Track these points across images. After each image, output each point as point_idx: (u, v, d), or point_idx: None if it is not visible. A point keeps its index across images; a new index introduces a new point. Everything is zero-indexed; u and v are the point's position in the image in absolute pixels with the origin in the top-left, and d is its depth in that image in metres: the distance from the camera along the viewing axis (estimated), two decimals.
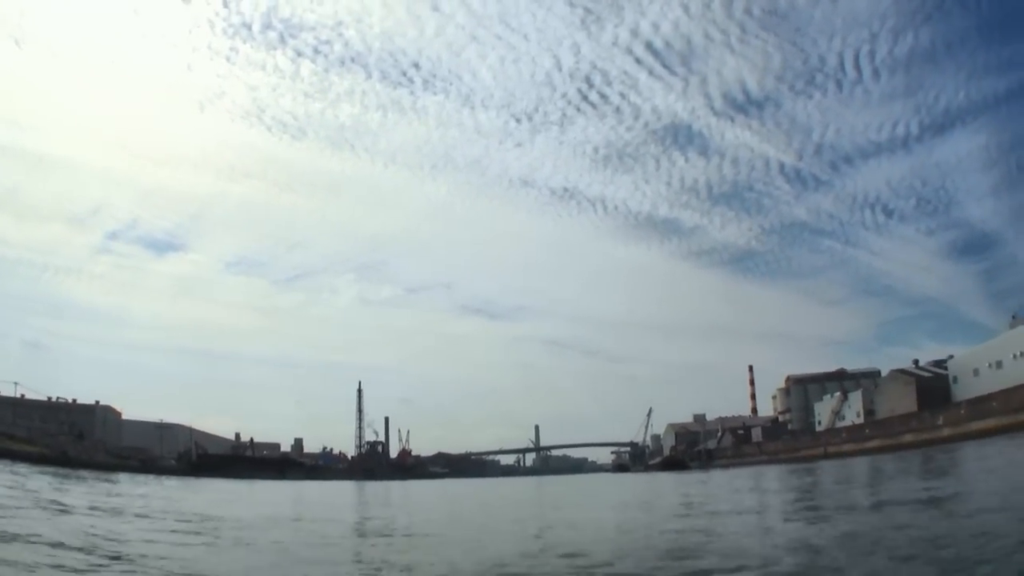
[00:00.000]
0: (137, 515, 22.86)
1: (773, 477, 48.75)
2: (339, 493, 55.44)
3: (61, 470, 59.22)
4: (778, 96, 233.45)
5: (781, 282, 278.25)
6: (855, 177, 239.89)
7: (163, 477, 76.80)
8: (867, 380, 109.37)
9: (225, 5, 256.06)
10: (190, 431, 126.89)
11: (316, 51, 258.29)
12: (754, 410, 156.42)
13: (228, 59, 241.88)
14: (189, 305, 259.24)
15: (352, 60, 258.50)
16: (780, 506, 24.53)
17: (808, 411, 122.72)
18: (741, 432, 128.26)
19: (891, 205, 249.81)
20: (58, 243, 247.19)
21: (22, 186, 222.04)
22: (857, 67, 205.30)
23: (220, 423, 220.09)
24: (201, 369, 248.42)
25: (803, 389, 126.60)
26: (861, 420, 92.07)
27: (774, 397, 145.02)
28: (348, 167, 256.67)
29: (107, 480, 49.68)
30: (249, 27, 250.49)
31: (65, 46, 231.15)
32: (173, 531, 18.06)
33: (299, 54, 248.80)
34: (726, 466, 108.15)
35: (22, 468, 53.02)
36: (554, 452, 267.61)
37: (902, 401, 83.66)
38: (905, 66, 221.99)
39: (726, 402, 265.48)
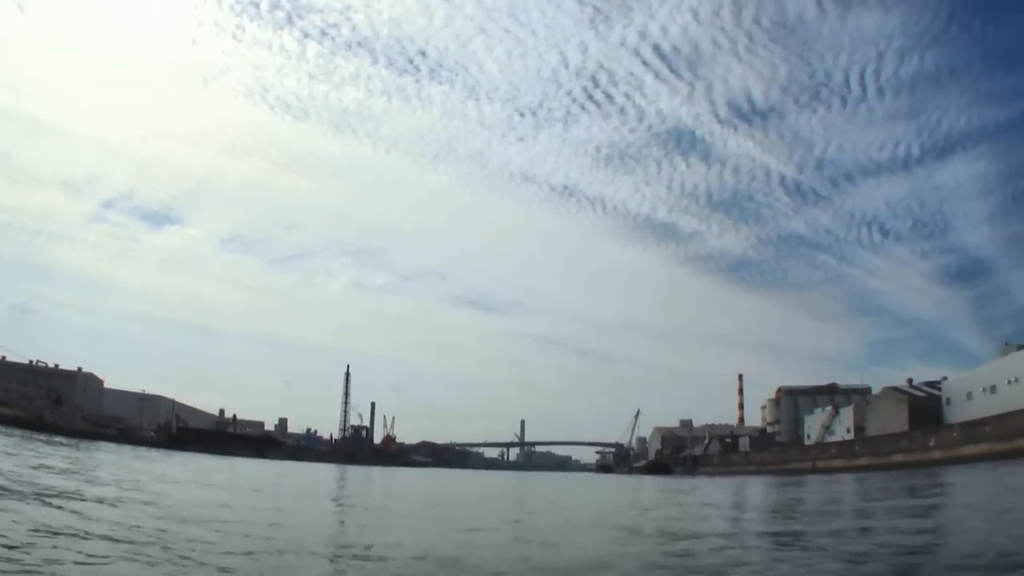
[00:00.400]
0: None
1: (759, 490, 47.62)
2: (317, 476, 54.15)
3: (35, 434, 58.14)
4: (782, 108, 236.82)
5: (775, 293, 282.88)
6: (854, 194, 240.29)
7: (140, 448, 75.63)
8: (858, 396, 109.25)
9: None
10: (172, 404, 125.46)
11: (323, 33, 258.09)
12: (741, 419, 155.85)
13: (234, 36, 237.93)
14: (181, 279, 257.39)
15: (359, 44, 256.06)
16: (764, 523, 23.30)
17: (798, 424, 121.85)
18: (729, 440, 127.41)
19: (888, 225, 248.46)
20: (52, 209, 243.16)
21: (18, 149, 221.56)
22: (862, 85, 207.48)
23: (206, 398, 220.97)
24: (190, 344, 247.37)
25: (793, 401, 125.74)
26: (851, 436, 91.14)
27: (763, 407, 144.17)
28: (350, 151, 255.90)
29: (74, 447, 48.24)
30: (257, 5, 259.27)
31: (68, 13, 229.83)
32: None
33: (306, 35, 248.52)
34: (711, 473, 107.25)
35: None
36: (539, 448, 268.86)
37: (894, 419, 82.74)
38: (909, 88, 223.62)
39: (713, 409, 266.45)
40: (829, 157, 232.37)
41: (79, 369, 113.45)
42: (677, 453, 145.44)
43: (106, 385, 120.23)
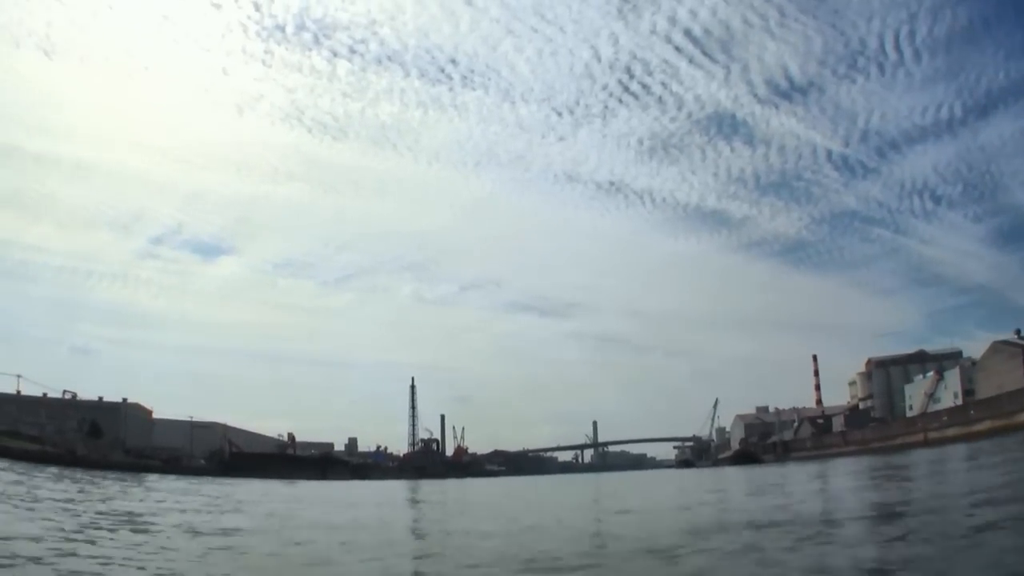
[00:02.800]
0: None
1: (889, 471, 40.13)
2: (367, 495, 48.29)
3: (65, 470, 53.45)
4: (821, 81, 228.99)
5: (833, 273, 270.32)
6: (902, 163, 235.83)
7: (188, 477, 71.19)
8: (949, 361, 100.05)
9: (257, 8, 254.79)
10: (224, 428, 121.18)
11: (352, 51, 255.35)
12: (819, 401, 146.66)
13: (263, 62, 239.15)
14: (238, 308, 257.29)
15: (389, 58, 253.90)
16: None
17: (891, 396, 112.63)
18: (820, 421, 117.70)
19: (939, 191, 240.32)
20: (101, 249, 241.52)
21: (61, 194, 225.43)
22: (898, 49, 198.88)
23: (275, 425, 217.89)
24: (254, 372, 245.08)
25: (885, 372, 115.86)
26: (960, 401, 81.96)
27: (851, 383, 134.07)
28: (391, 166, 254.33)
29: (91, 482, 42.88)
30: (283, 29, 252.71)
31: (94, 55, 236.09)
32: None
33: (335, 54, 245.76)
34: (805, 459, 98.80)
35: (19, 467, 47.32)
36: (613, 448, 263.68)
37: (1009, 376, 73.59)
38: (945, 46, 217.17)
39: (785, 395, 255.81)
40: (873, 127, 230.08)
41: (124, 400, 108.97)
42: (763, 440, 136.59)
43: (155, 415, 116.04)
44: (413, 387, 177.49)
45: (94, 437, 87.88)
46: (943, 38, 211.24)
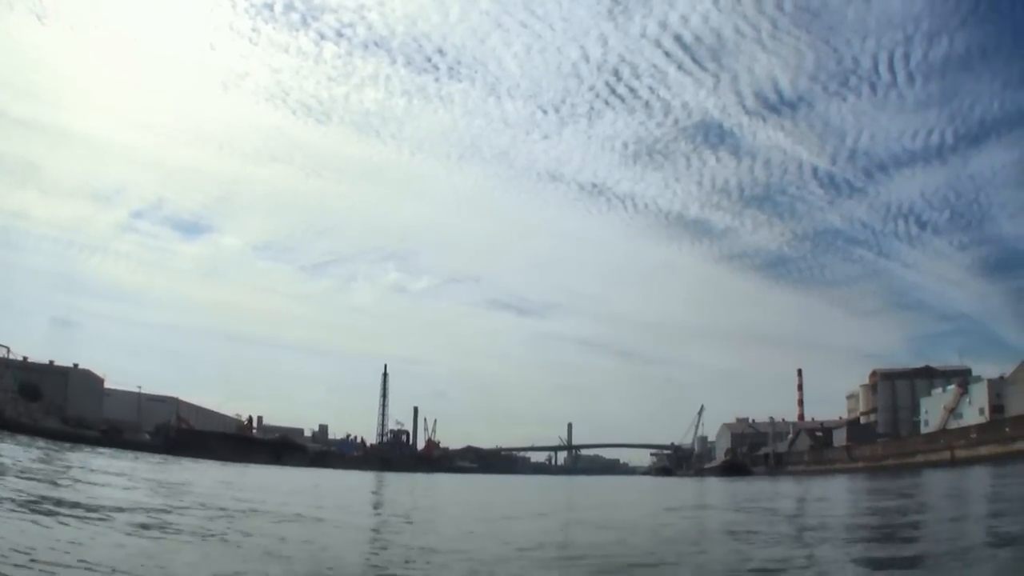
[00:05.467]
0: None
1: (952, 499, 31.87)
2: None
3: None
4: (811, 97, 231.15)
5: (814, 290, 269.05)
6: (889, 185, 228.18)
7: (124, 452, 62.72)
8: (957, 378, 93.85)
9: None
10: (176, 404, 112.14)
11: (339, 34, 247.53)
12: (801, 416, 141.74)
13: (250, 40, 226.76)
14: (215, 288, 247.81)
15: (375, 44, 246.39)
16: None
17: (896, 411, 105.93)
18: (819, 434, 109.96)
19: (924, 216, 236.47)
20: (83, 220, 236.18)
21: (47, 161, 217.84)
22: (891, 70, 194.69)
23: (248, 408, 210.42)
24: (228, 353, 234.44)
25: (891, 386, 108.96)
26: (986, 418, 74.58)
27: (850, 396, 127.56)
28: (375, 154, 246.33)
29: None
30: (271, 7, 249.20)
31: (86, 22, 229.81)
32: None
33: (322, 36, 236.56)
34: (803, 473, 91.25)
35: None
36: (587, 452, 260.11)
37: None
38: (940, 72, 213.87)
39: (761, 408, 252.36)
40: (862, 147, 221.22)
41: (75, 366, 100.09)
42: (753, 451, 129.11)
43: (107, 385, 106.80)
44: (385, 375, 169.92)
45: (28, 399, 78.73)
46: (938, 63, 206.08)
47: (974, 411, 78.69)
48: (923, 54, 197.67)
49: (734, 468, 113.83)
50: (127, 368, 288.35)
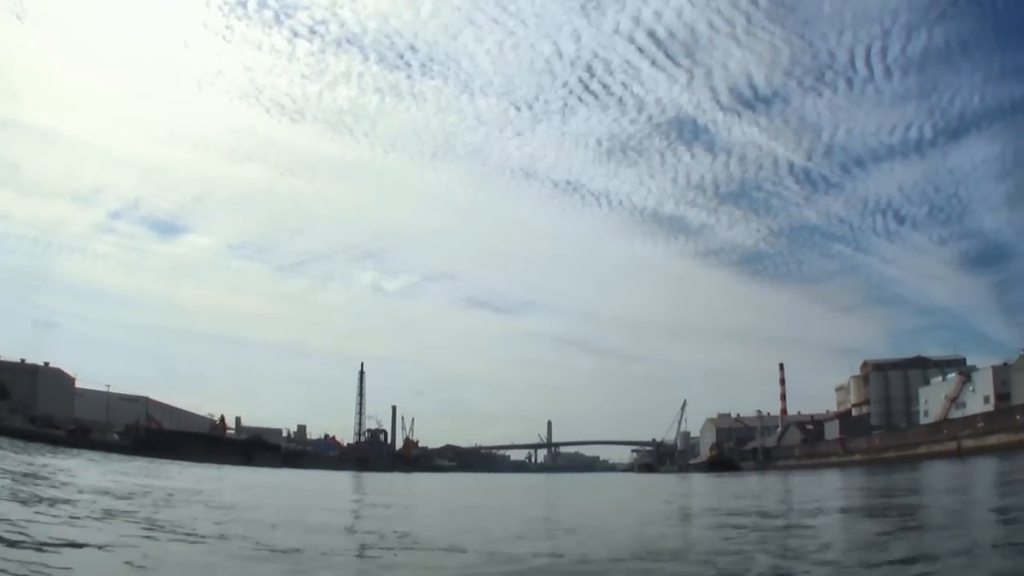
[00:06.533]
0: None
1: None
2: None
3: None
4: (786, 92, 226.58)
5: (791, 286, 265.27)
6: (866, 180, 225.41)
7: (89, 452, 58.86)
8: (951, 367, 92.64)
9: None
10: (146, 403, 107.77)
11: (312, 31, 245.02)
12: (784, 411, 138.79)
13: (224, 37, 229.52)
14: (193, 288, 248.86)
15: (348, 41, 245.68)
16: None
17: (889, 402, 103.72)
18: (810, 427, 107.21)
19: (903, 211, 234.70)
20: (62, 220, 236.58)
21: (24, 160, 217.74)
22: (868, 65, 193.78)
23: (225, 408, 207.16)
24: (207, 353, 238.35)
25: (883, 377, 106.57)
26: (991, 406, 72.03)
27: (839, 389, 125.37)
28: (348, 152, 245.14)
29: None
30: (244, 4, 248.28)
31: (65, 21, 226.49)
32: None
33: (295, 34, 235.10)
34: (794, 468, 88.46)
35: None
36: (566, 449, 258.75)
37: None
38: (918, 66, 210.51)
39: (741, 403, 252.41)
40: (838, 142, 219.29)
41: (46, 364, 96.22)
42: (740, 446, 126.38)
43: (78, 384, 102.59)
44: (362, 373, 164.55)
45: None
46: (917, 57, 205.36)
47: (978, 399, 76.22)
48: (901, 48, 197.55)
49: (721, 464, 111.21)
50: (107, 369, 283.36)
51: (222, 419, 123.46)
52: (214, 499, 22.96)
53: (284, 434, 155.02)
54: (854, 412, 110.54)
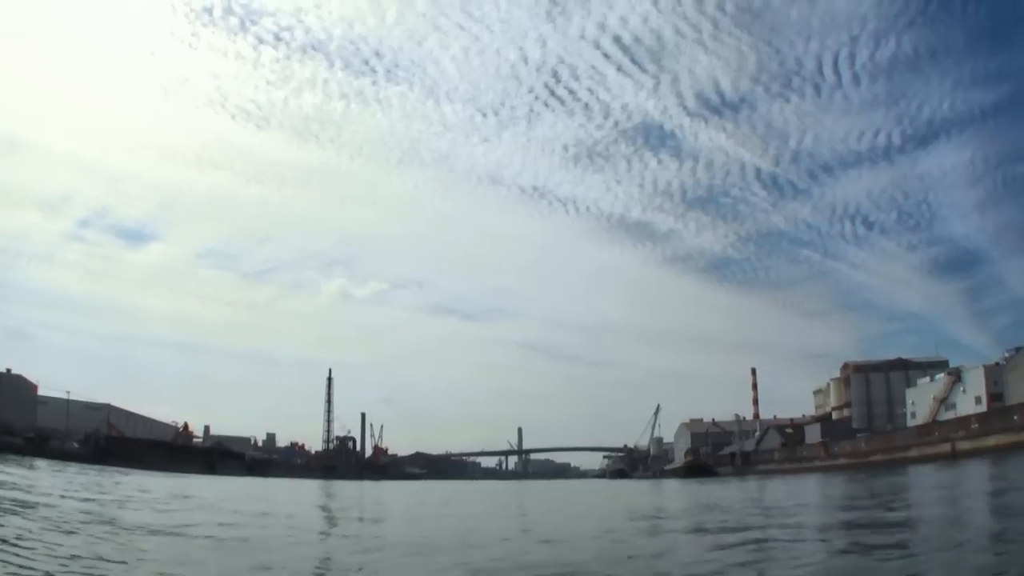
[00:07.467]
0: None
1: None
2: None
3: None
4: (753, 98, 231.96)
5: (759, 291, 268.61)
6: (834, 187, 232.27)
7: (42, 461, 55.55)
8: (934, 369, 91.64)
9: None
10: (108, 411, 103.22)
11: (277, 38, 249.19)
12: (756, 415, 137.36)
13: (190, 45, 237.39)
14: (161, 296, 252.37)
15: (313, 48, 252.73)
16: None
17: (870, 404, 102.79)
18: (790, 431, 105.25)
19: (872, 217, 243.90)
20: (30, 229, 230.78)
21: None
22: (836, 71, 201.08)
23: (194, 417, 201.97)
24: (176, 362, 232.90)
25: (864, 379, 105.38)
26: (984, 407, 70.49)
27: (817, 392, 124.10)
28: (314, 159, 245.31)
29: None
30: (210, 12, 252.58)
31: (30, 28, 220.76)
32: None
33: (260, 40, 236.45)
34: (774, 473, 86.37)
35: None
36: (536, 456, 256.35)
37: None
38: (887, 73, 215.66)
39: (713, 410, 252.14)
40: (805, 148, 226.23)
41: (8, 371, 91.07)
42: (716, 451, 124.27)
43: (41, 392, 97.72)
44: (330, 379, 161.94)
45: None
46: (885, 64, 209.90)
47: (969, 400, 74.66)
48: (869, 55, 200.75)
49: (698, 469, 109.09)
50: (75, 378, 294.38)
51: (186, 427, 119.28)
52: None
53: (253, 442, 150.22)
54: (834, 415, 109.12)
